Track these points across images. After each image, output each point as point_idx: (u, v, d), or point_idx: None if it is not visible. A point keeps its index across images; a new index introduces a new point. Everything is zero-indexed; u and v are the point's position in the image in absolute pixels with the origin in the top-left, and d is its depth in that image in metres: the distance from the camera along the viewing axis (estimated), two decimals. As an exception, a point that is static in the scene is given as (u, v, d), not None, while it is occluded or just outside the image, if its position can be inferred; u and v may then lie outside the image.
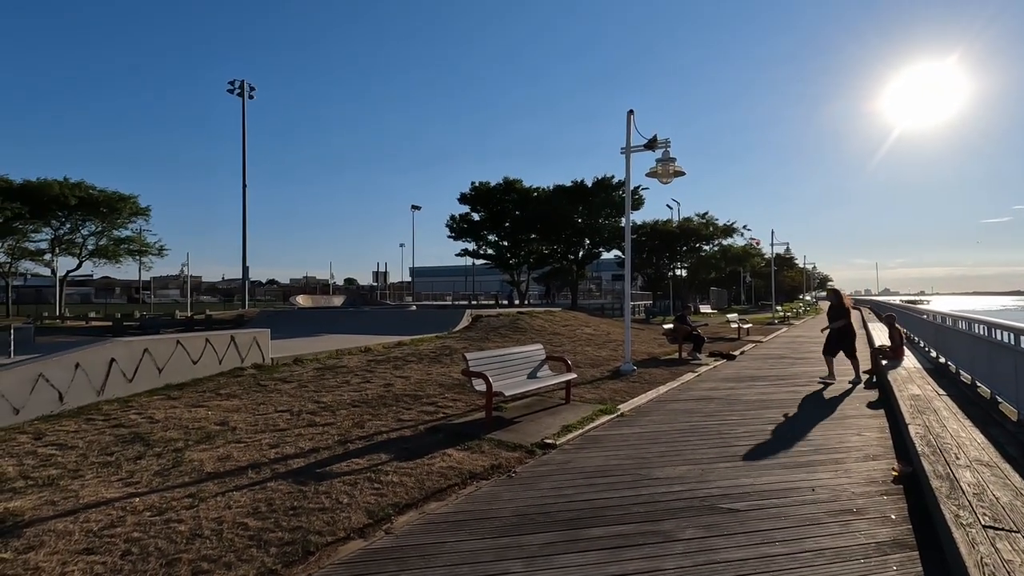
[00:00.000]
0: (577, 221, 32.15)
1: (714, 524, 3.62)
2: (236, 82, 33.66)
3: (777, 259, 44.48)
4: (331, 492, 4.05)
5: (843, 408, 7.25)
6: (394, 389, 7.92)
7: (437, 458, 4.90)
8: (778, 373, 10.55)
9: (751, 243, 45.28)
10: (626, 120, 10.17)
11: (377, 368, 9.38)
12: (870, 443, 5.54)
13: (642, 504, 3.98)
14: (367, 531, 3.52)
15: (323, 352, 10.58)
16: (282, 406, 6.83)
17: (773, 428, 6.18)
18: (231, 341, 8.92)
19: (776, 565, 3.07)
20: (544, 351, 7.98)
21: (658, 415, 6.93)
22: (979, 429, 5.09)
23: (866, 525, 3.57)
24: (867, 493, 4.14)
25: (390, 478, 4.37)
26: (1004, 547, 2.73)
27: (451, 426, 6.08)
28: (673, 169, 9.95)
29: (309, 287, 79.46)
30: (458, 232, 34.25)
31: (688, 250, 41.95)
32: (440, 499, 4.08)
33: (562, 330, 15.70)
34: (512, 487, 4.36)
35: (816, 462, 4.92)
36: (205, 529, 3.44)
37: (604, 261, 44.56)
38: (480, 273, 53.69)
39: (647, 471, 4.73)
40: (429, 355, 10.74)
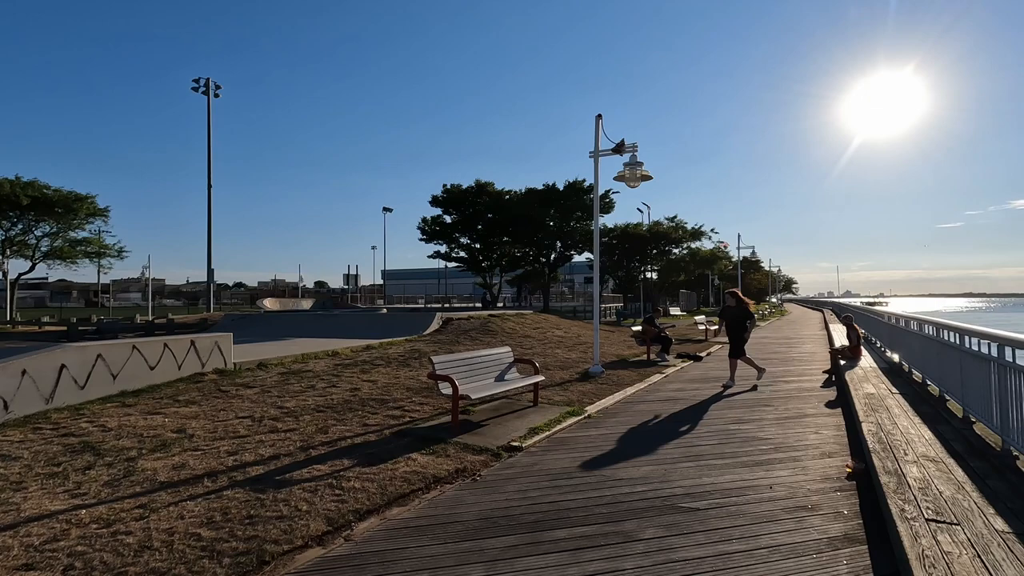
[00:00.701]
0: (549, 224, 32.29)
1: (674, 523, 3.66)
2: (201, 80, 32.83)
3: (744, 262, 45.55)
4: (290, 500, 3.96)
5: (802, 407, 7.44)
6: (360, 393, 7.81)
7: (401, 463, 4.85)
8: (743, 373, 10.76)
9: (719, 246, 46.27)
10: (595, 124, 10.28)
11: (344, 372, 9.24)
12: (827, 441, 5.70)
13: (605, 505, 4.01)
14: (326, 539, 3.45)
15: (288, 356, 10.37)
16: (243, 412, 6.66)
17: (736, 428, 6.31)
18: (191, 346, 8.66)
19: (733, 562, 3.13)
20: (512, 354, 7.99)
21: (624, 416, 7.00)
22: (927, 426, 5.29)
23: (820, 521, 3.66)
24: (822, 490, 4.26)
25: (352, 484, 4.30)
26: (944, 539, 2.84)
27: (417, 430, 6.03)
28: (640, 173, 10.09)
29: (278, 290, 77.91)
30: (430, 234, 34.03)
31: (658, 253, 42.57)
32: (403, 504, 4.03)
33: (533, 333, 15.75)
34: (476, 491, 4.34)
35: (775, 460, 5.04)
36: (155, 541, 3.32)
37: (577, 264, 44.90)
38: (453, 276, 53.47)
39: (612, 472, 4.76)
40: (397, 359, 10.63)
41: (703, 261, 47.55)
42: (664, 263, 44.93)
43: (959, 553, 2.68)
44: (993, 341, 4.42)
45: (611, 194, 32.09)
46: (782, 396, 8.28)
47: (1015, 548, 2.74)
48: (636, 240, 39.97)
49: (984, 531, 2.94)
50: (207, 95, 32.67)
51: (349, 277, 53.30)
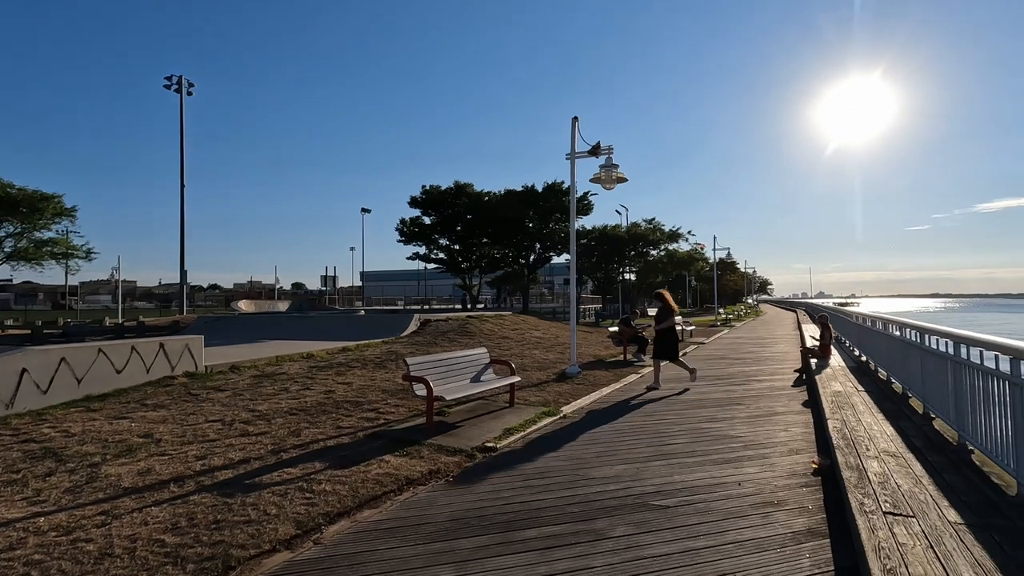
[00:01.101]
0: (528, 226, 32.37)
1: (644, 521, 3.71)
2: (173, 78, 32.15)
3: (720, 264, 46.24)
4: (259, 504, 3.91)
5: (773, 406, 7.59)
6: (335, 396, 7.73)
7: (374, 465, 4.81)
8: (716, 373, 10.95)
9: (696, 248, 46.86)
10: (571, 127, 10.35)
11: (319, 375, 9.14)
12: (795, 438, 5.83)
13: (577, 504, 4.04)
14: (294, 542, 3.41)
15: (262, 359, 10.22)
16: (214, 416, 6.54)
17: (708, 426, 6.41)
18: (160, 349, 8.48)
19: (700, 558, 3.18)
20: (488, 355, 7.99)
21: (599, 416, 7.05)
22: (890, 422, 5.45)
23: (785, 516, 3.75)
24: (788, 486, 4.35)
25: (323, 487, 4.25)
26: (900, 531, 2.93)
27: (391, 432, 5.99)
28: (616, 175, 10.19)
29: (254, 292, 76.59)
30: (409, 236, 33.85)
31: (636, 255, 42.98)
32: (374, 506, 4.01)
33: (511, 334, 15.77)
34: (449, 492, 4.34)
35: (744, 458, 5.14)
36: (116, 548, 3.24)
37: (556, 266, 45.09)
38: (432, 277, 53.23)
39: (584, 471, 4.80)
40: (374, 361, 10.55)
41: (680, 262, 48.15)
42: (642, 264, 45.38)
43: (913, 544, 2.77)
44: (950, 339, 4.58)
45: (589, 196, 32.31)
46: (754, 395, 8.43)
47: (965, 539, 2.84)
48: (614, 242, 40.29)
49: (938, 523, 3.04)
50: (180, 93, 32.02)
51: (327, 279, 52.70)
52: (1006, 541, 2.82)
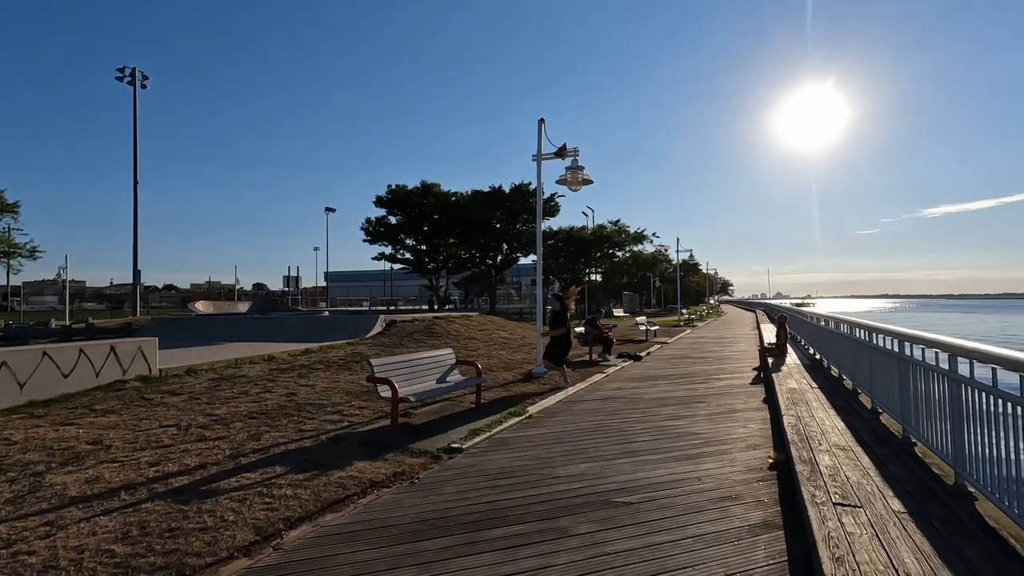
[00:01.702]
0: (495, 226, 32.43)
1: (608, 518, 3.76)
2: (126, 70, 30.84)
3: (682, 265, 47.27)
4: (216, 510, 3.80)
5: (733, 403, 7.81)
6: (297, 398, 7.57)
7: (337, 468, 4.73)
8: (679, 372, 11.20)
9: (660, 249, 47.87)
10: (537, 128, 10.42)
11: (280, 377, 8.93)
12: (753, 434, 6.01)
13: (542, 503, 4.07)
14: (253, 549, 3.32)
15: (221, 362, 9.92)
16: (168, 421, 6.31)
17: (670, 424, 6.55)
18: (111, 352, 8.14)
19: (660, 552, 3.25)
20: (454, 355, 7.97)
21: (565, 416, 7.11)
22: (841, 417, 5.68)
23: (742, 510, 3.86)
24: (746, 480, 4.49)
25: (284, 491, 4.16)
26: (848, 521, 3.06)
27: (355, 434, 5.91)
28: (582, 177, 10.31)
29: (212, 292, 74.10)
30: (374, 236, 33.45)
31: (602, 256, 43.58)
32: (337, 510, 3.94)
33: (478, 335, 15.75)
34: (414, 494, 4.30)
35: (705, 454, 5.27)
36: (62, 560, 3.10)
37: (524, 266, 45.24)
38: (399, 278, 52.67)
39: (550, 470, 4.83)
40: (338, 362, 10.37)
41: (645, 264, 49.08)
42: (608, 265, 46.03)
43: (860, 533, 2.90)
44: (896, 338, 4.81)
45: (556, 197, 32.58)
46: (715, 393, 8.66)
47: (908, 526, 2.99)
48: (581, 243, 40.75)
49: (883, 512, 3.19)
50: (133, 86, 30.74)
51: (289, 279, 51.50)
52: (944, 527, 2.99)
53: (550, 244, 40.11)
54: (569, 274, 42.89)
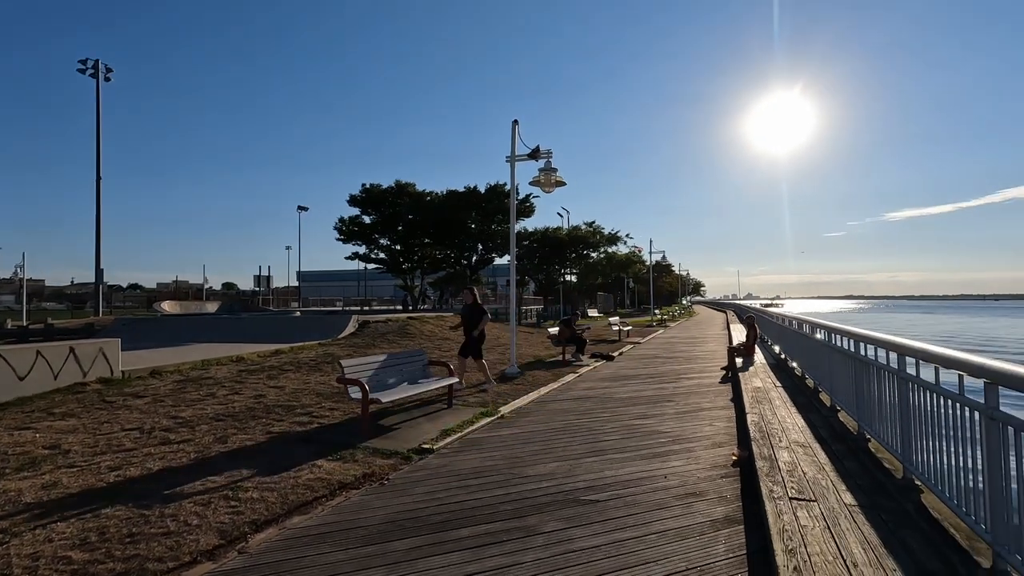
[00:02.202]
0: (470, 227, 32.38)
1: (575, 516, 3.82)
2: (89, 61, 29.84)
3: (656, 266, 47.97)
4: (179, 514, 3.73)
5: (700, 402, 7.99)
6: (266, 400, 7.46)
7: (305, 470, 4.70)
8: (650, 372, 11.39)
9: (633, 251, 48.45)
10: (511, 130, 10.48)
11: (249, 379, 8.78)
12: (719, 432, 6.16)
13: (511, 502, 4.11)
14: (218, 553, 3.28)
15: (187, 363, 9.71)
16: (131, 424, 6.16)
17: (639, 423, 6.66)
18: (70, 353, 7.89)
19: (625, 548, 3.32)
20: (426, 356, 7.96)
21: (537, 415, 7.18)
22: (801, 415, 5.88)
23: (705, 506, 3.97)
24: (710, 477, 4.61)
25: (250, 494, 4.11)
26: (803, 515, 3.19)
27: (325, 436, 5.86)
28: (555, 179, 10.40)
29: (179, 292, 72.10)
30: (348, 235, 33.05)
31: (577, 257, 43.90)
32: (305, 512, 3.92)
33: (452, 335, 15.72)
34: (383, 495, 4.30)
35: (671, 452, 5.39)
36: (15, 568, 3.01)
37: (499, 267, 45.25)
38: (373, 278, 52.15)
39: (520, 470, 4.88)
40: (308, 363, 10.25)
41: (619, 265, 49.62)
42: (582, 266, 46.40)
43: (813, 526, 3.03)
44: (852, 338, 5.00)
45: (531, 198, 32.69)
46: (683, 392, 8.83)
47: (858, 519, 3.13)
48: (556, 243, 40.98)
49: (836, 505, 3.33)
50: (96, 79, 29.78)
51: (260, 278, 50.52)
52: (891, 520, 3.13)
53: (525, 245, 40.25)
54: (544, 275, 43.11)
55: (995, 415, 2.48)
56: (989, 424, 2.52)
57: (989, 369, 2.49)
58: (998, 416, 2.46)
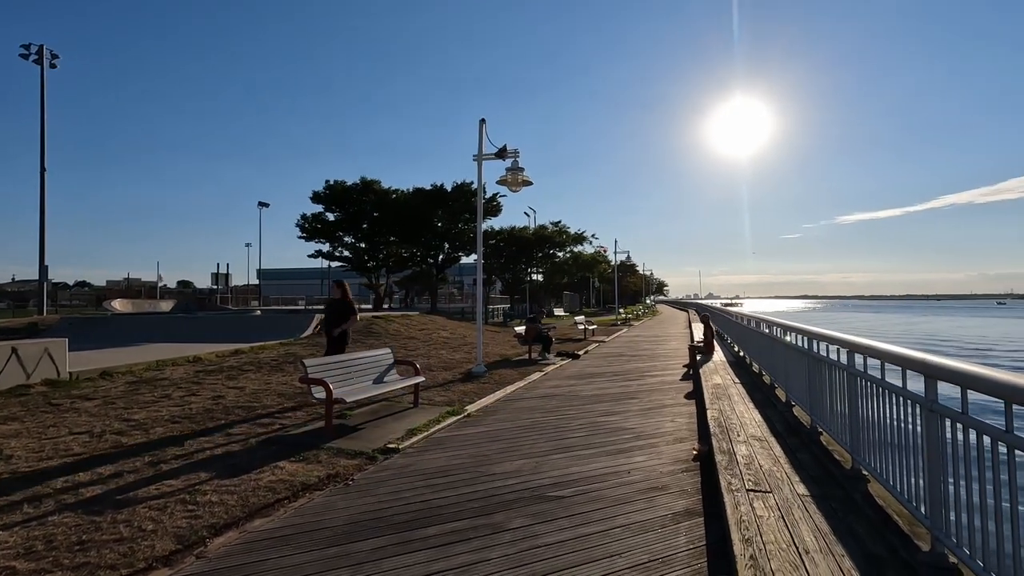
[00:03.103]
0: (437, 225, 32.17)
1: (541, 512, 3.87)
2: (32, 47, 28.26)
3: (620, 266, 48.74)
4: (133, 520, 3.60)
5: (663, 399, 8.17)
6: (225, 401, 7.26)
7: (267, 472, 4.60)
8: (615, 370, 11.57)
9: (599, 251, 49.06)
10: (479, 129, 10.47)
11: (206, 379, 8.52)
12: (681, 428, 6.32)
13: (478, 500, 4.12)
14: (174, 558, 3.19)
15: (140, 364, 9.34)
16: (80, 427, 5.90)
17: (604, 420, 6.77)
18: (12, 354, 7.49)
19: (590, 542, 3.38)
20: (392, 355, 7.88)
21: (503, 414, 7.21)
22: (758, 410, 6.09)
23: (667, 499, 4.08)
24: (672, 471, 4.73)
25: (208, 498, 4.00)
26: (759, 505, 3.32)
27: (287, 437, 5.74)
28: (522, 178, 10.45)
29: (132, 290, 69.12)
30: (311, 232, 32.32)
31: (543, 256, 44.15)
32: (266, 515, 3.84)
33: (418, 334, 15.61)
34: (348, 495, 4.25)
35: (635, 447, 5.50)
36: (-47, 580, 2.86)
37: (466, 266, 45.13)
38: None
39: (486, 468, 4.90)
40: (270, 363, 10.01)
41: (585, 264, 50.15)
42: (549, 266, 46.72)
43: (768, 516, 3.15)
44: (805, 336, 5.21)
45: (499, 197, 32.71)
46: (647, 389, 9.02)
47: (810, 508, 3.28)
48: (523, 243, 41.12)
49: (789, 496, 3.47)
50: (41, 65, 28.23)
51: (218, 276, 48.87)
52: (840, 508, 3.29)
53: (492, 244, 40.24)
54: (511, 274, 43.21)
55: (934, 408, 2.64)
56: (928, 416, 2.68)
57: (928, 365, 2.64)
58: (936, 409, 2.62)
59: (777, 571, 2.54)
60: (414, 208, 30.93)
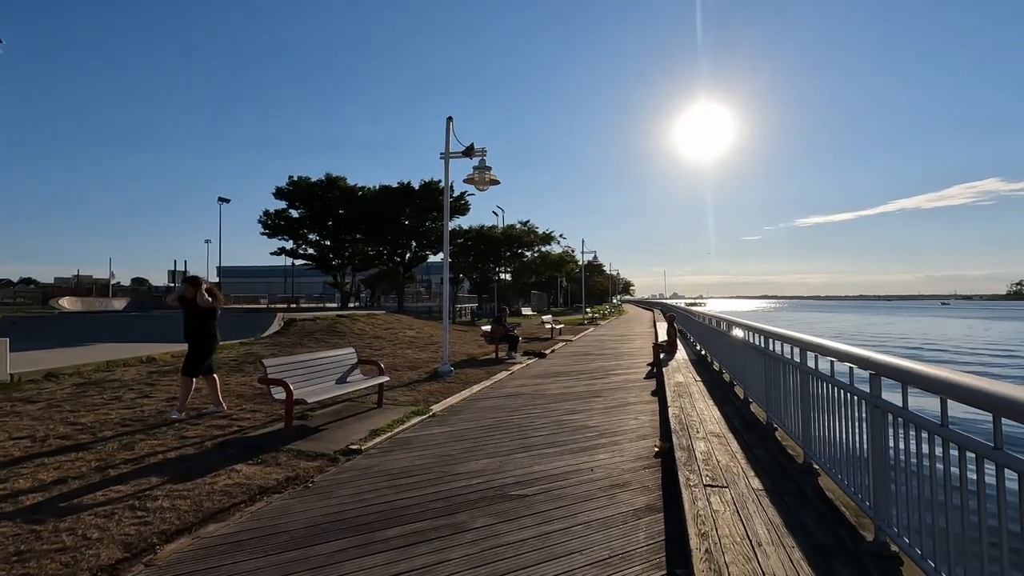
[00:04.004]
0: (404, 223, 31.85)
1: (504, 511, 3.87)
2: (-29, 29, 26.68)
3: (588, 266, 49.24)
4: (77, 528, 3.44)
5: (626, 397, 8.30)
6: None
7: (223, 475, 4.47)
8: (580, 369, 11.68)
9: (567, 250, 49.45)
10: (446, 126, 10.40)
11: (160, 380, 8.22)
12: (643, 425, 6.43)
13: (441, 500, 4.10)
14: (121, 568, 3.06)
15: (89, 364, 8.94)
16: (21, 432, 5.61)
17: (568, 418, 6.83)
18: (-53, 355, 7.05)
19: (552, 540, 3.40)
20: (356, 355, 7.76)
21: (469, 413, 7.19)
22: (718, 407, 6.25)
23: (629, 496, 4.14)
24: (634, 468, 4.80)
25: (160, 503, 3.86)
26: (716, 500, 3.40)
27: (245, 439, 5.59)
28: (489, 177, 10.44)
29: (82, 287, 66.03)
30: (274, 229, 31.57)
31: (511, 255, 44.21)
32: (221, 520, 3.72)
33: (384, 333, 15.43)
34: (307, 498, 4.16)
35: (598, 445, 5.56)
36: None
37: (434, 264, 44.81)
38: (301, 275, 50.12)
39: (450, 468, 4.87)
40: (228, 364, 9.73)
41: (552, 264, 50.44)
42: (517, 265, 46.81)
43: (724, 510, 3.24)
44: (761, 335, 5.37)
45: (467, 196, 32.61)
46: (611, 387, 9.14)
47: (764, 502, 3.38)
48: (491, 242, 41.08)
49: (745, 491, 3.57)
50: (-20, 48, 26.65)
51: (175, 274, 47.19)
52: (792, 501, 3.41)
53: (459, 243, 40.08)
54: (479, 273, 43.11)
55: (878, 403, 2.75)
56: (873, 411, 2.80)
57: (874, 362, 2.76)
58: (881, 404, 2.74)
59: (731, 564, 2.61)
60: (381, 206, 30.56)
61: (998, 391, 1.82)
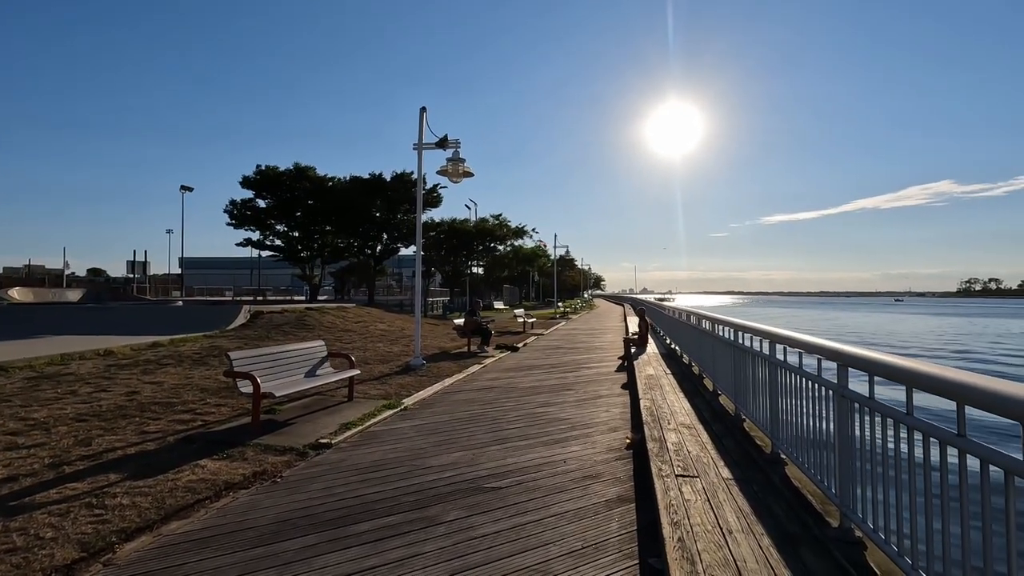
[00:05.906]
0: (375, 215, 31.41)
1: (477, 503, 3.85)
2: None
3: (560, 260, 49.51)
4: (28, 528, 3.28)
5: (598, 390, 8.36)
6: (140, 397, 6.76)
7: (186, 471, 4.32)
8: (552, 362, 11.73)
9: (539, 245, 49.63)
10: (419, 117, 10.26)
11: (119, 374, 7.91)
12: (615, 418, 6.49)
13: (413, 493, 4.05)
14: (77, 568, 2.93)
15: (42, 358, 8.55)
16: (-34, 428, 5.31)
17: (541, 411, 6.84)
18: None
19: (525, 532, 3.40)
20: (325, 348, 7.61)
21: (441, 406, 7.13)
22: (688, 399, 6.35)
23: (601, 487, 4.16)
24: (606, 460, 4.84)
25: (119, 500, 3.71)
26: (687, 490, 3.46)
27: (210, 434, 5.42)
28: (463, 169, 10.35)
29: (33, 277, 63.06)
30: (240, 219, 30.69)
31: (484, 249, 44.11)
32: (184, 516, 3.60)
33: (354, 327, 15.20)
34: (275, 493, 4.06)
35: (571, 437, 5.59)
36: None
37: (405, 258, 44.35)
38: (268, 266, 48.96)
39: (422, 461, 4.83)
40: (192, 357, 9.43)
41: (525, 258, 50.57)
42: (489, 259, 46.74)
43: (695, 500, 3.29)
44: (731, 328, 5.48)
45: (439, 189, 32.33)
46: (584, 381, 9.20)
47: (733, 491, 3.45)
48: (463, 236, 40.89)
49: (715, 480, 3.64)
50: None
51: (135, 264, 45.49)
52: (761, 490, 3.49)
53: (432, 236, 39.76)
54: (451, 267, 42.87)
55: (845, 393, 2.83)
56: (840, 401, 2.87)
57: (841, 353, 2.83)
58: (847, 394, 2.81)
59: (703, 551, 2.65)
60: (351, 197, 30.04)
61: (961, 379, 1.88)
